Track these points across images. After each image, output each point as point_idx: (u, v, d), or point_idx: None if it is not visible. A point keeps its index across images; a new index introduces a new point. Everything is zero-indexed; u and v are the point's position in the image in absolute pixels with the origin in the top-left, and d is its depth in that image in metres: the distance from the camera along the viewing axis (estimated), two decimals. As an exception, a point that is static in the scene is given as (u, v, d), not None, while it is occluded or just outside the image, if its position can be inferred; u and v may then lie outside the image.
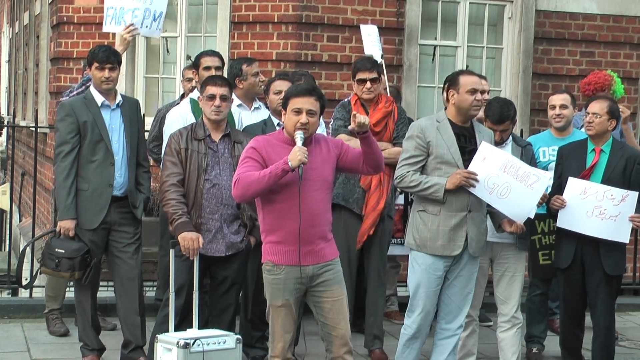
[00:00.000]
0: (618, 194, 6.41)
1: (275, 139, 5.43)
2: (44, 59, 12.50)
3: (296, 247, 5.28)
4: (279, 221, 5.32)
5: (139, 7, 7.53)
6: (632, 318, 9.15)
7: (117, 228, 6.61)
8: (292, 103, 5.31)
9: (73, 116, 6.50)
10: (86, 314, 6.71)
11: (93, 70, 6.57)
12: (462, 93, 5.94)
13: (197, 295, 5.99)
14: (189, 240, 6.09)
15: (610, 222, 6.40)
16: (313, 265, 5.34)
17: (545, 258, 7.07)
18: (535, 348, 7.47)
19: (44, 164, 11.68)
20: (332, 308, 5.41)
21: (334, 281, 5.41)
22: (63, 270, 6.47)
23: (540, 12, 10.11)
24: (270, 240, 5.40)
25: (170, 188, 6.22)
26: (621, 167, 6.55)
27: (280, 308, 5.38)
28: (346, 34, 9.51)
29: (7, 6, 21.29)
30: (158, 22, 7.70)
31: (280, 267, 5.34)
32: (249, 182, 5.20)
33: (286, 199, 5.27)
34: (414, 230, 6.03)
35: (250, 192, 5.25)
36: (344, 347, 5.44)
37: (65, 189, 6.46)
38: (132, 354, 6.64)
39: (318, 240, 5.35)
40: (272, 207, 5.34)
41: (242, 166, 5.31)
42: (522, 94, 10.04)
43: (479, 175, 5.89)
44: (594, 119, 6.58)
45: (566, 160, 6.70)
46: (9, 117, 17.63)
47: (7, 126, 15.10)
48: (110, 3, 7.66)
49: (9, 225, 11.22)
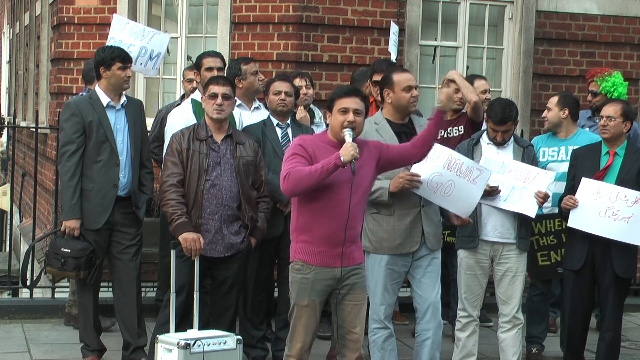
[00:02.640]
0: (632, 195, 6.40)
1: (320, 140, 5.37)
2: (44, 60, 12.51)
3: (333, 248, 5.24)
4: (318, 219, 5.23)
5: (135, 44, 7.62)
6: (633, 319, 9.15)
7: (120, 228, 6.61)
8: (338, 104, 5.28)
9: (79, 116, 6.50)
10: (88, 315, 6.71)
11: (115, 70, 6.52)
12: (397, 91, 5.95)
13: (197, 296, 5.99)
14: (191, 241, 6.09)
15: (622, 223, 6.39)
16: (343, 267, 5.28)
17: (544, 259, 7.07)
18: (534, 348, 7.47)
19: (45, 165, 11.68)
20: (352, 312, 5.38)
21: (359, 285, 5.39)
22: (69, 269, 6.47)
23: (540, 13, 10.11)
24: (302, 239, 5.31)
25: (170, 188, 6.23)
26: (635, 170, 6.54)
27: (305, 308, 5.31)
28: (347, 34, 9.51)
29: (7, 7, 21.30)
30: (154, 62, 7.78)
31: (310, 267, 5.28)
32: (301, 177, 5.09)
33: (332, 197, 5.19)
34: (369, 233, 6.02)
35: (301, 186, 5.13)
36: (356, 352, 5.41)
37: (70, 188, 6.45)
38: (133, 355, 6.64)
39: (350, 243, 5.31)
40: (311, 206, 5.24)
41: (289, 162, 5.20)
42: (523, 94, 10.05)
43: (422, 175, 5.89)
44: (609, 122, 6.58)
45: (580, 162, 6.70)
46: (9, 117, 17.63)
47: (8, 127, 15.10)
48: (113, 34, 7.74)
49: (9, 226, 11.22)
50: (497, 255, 6.58)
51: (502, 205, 6.48)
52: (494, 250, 6.57)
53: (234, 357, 5.69)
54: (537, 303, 7.51)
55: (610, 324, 6.65)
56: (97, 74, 6.64)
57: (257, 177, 6.48)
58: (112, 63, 6.53)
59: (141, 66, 7.76)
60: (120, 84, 6.60)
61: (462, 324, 6.65)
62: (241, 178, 6.32)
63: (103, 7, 10.11)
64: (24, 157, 14.67)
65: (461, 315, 6.66)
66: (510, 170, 6.50)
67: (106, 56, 6.58)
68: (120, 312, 6.69)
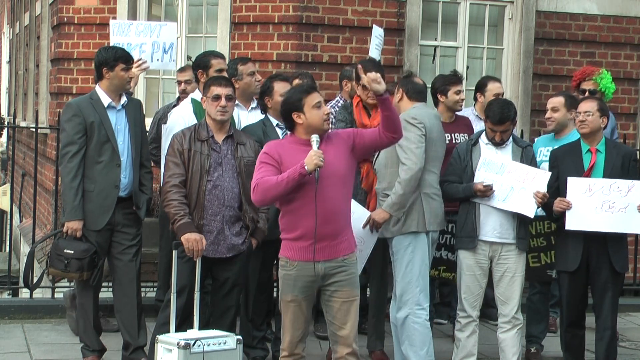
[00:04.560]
0: (624, 185, 6.43)
1: (287, 141, 5.54)
2: (44, 60, 12.51)
3: (310, 244, 5.38)
4: (295, 220, 5.42)
5: (146, 41, 7.60)
6: (633, 319, 9.15)
7: (120, 229, 6.61)
8: (307, 101, 5.45)
9: (80, 116, 6.48)
10: (88, 315, 6.70)
11: (118, 71, 6.50)
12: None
13: (198, 296, 5.99)
14: (193, 242, 6.09)
15: (620, 214, 6.42)
16: (326, 260, 5.41)
17: (535, 261, 7.07)
18: (534, 348, 7.47)
19: (45, 165, 11.68)
20: (341, 309, 5.48)
21: (346, 282, 5.48)
22: (72, 270, 6.46)
23: (540, 13, 10.11)
24: (287, 237, 5.50)
25: (172, 189, 6.22)
26: (619, 165, 6.57)
27: (289, 303, 5.48)
28: (347, 34, 9.51)
29: (7, 7, 21.31)
30: (170, 54, 7.81)
31: (293, 263, 5.44)
32: (268, 187, 5.33)
33: (302, 200, 5.36)
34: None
35: (269, 196, 5.38)
36: (347, 348, 5.50)
37: (72, 189, 6.44)
38: (133, 355, 6.64)
39: (333, 237, 5.43)
40: (288, 207, 5.45)
41: (257, 172, 5.43)
42: (523, 94, 10.05)
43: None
44: (587, 117, 6.60)
45: (562, 163, 6.69)
46: (9, 117, 17.64)
47: (8, 127, 15.10)
48: (117, 40, 7.69)
49: (9, 226, 11.22)
50: (496, 256, 6.58)
51: (501, 205, 6.49)
52: (493, 250, 6.57)
53: (234, 357, 5.69)
54: (536, 303, 7.51)
55: (607, 322, 6.64)
56: (99, 74, 6.61)
57: (258, 177, 6.47)
58: (116, 64, 6.52)
59: (159, 62, 7.77)
60: (122, 85, 6.59)
61: (461, 325, 6.65)
62: (242, 179, 6.31)
63: (103, 7, 10.12)
64: (24, 157, 14.68)
65: (461, 315, 6.66)
66: (509, 170, 6.51)
67: (109, 57, 6.56)
68: (120, 312, 6.69)
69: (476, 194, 6.49)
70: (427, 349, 6.39)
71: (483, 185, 6.45)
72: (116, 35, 7.79)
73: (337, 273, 5.45)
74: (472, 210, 6.52)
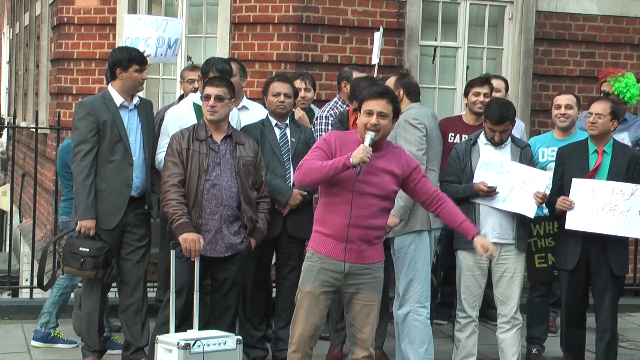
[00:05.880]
0: (627, 188, 6.42)
1: (349, 136, 5.52)
2: (44, 60, 12.51)
3: (339, 242, 5.35)
4: (329, 214, 5.39)
5: (152, 35, 7.68)
6: (633, 319, 9.16)
7: (131, 229, 6.59)
8: (365, 105, 5.39)
9: (93, 115, 6.46)
10: (93, 316, 6.66)
11: (131, 72, 6.50)
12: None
13: (197, 296, 5.99)
14: (190, 242, 6.10)
15: (621, 217, 6.41)
16: (352, 263, 5.37)
17: (541, 261, 7.06)
18: (535, 349, 7.47)
19: (45, 165, 11.69)
20: (361, 311, 5.46)
21: (369, 286, 5.46)
22: (88, 269, 6.44)
23: (540, 13, 10.10)
24: (318, 229, 5.47)
25: (171, 188, 6.23)
26: (624, 168, 6.56)
27: (307, 294, 5.41)
28: (347, 34, 9.51)
29: (7, 7, 21.32)
30: (174, 49, 7.91)
31: (320, 255, 5.40)
32: (311, 169, 5.29)
33: (340, 194, 5.33)
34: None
35: (309, 178, 5.33)
36: (364, 352, 5.50)
37: (85, 188, 6.42)
38: (133, 355, 6.63)
39: (362, 242, 5.39)
40: (326, 200, 5.42)
41: (310, 154, 5.43)
42: (523, 94, 10.05)
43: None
44: (598, 120, 6.58)
45: (567, 161, 6.69)
46: (9, 118, 17.63)
47: (8, 127, 15.10)
48: (128, 34, 7.81)
49: (9, 226, 11.22)
50: (496, 256, 6.58)
51: (501, 205, 6.49)
52: (492, 250, 6.57)
53: (234, 357, 5.69)
54: (537, 305, 7.50)
55: (607, 323, 6.64)
56: (112, 74, 6.60)
57: (258, 177, 6.49)
58: (130, 65, 6.52)
59: (162, 57, 7.85)
60: (135, 86, 6.59)
61: (461, 325, 6.65)
62: (241, 178, 6.32)
63: (103, 7, 10.12)
64: (24, 157, 14.68)
65: (460, 316, 6.66)
66: (509, 171, 6.51)
67: (123, 57, 6.56)
68: (125, 312, 6.66)
69: (477, 194, 6.49)
70: (426, 346, 6.39)
71: (487, 186, 6.44)
72: (128, 29, 7.87)
73: (362, 275, 5.42)
74: (471, 210, 6.52)
